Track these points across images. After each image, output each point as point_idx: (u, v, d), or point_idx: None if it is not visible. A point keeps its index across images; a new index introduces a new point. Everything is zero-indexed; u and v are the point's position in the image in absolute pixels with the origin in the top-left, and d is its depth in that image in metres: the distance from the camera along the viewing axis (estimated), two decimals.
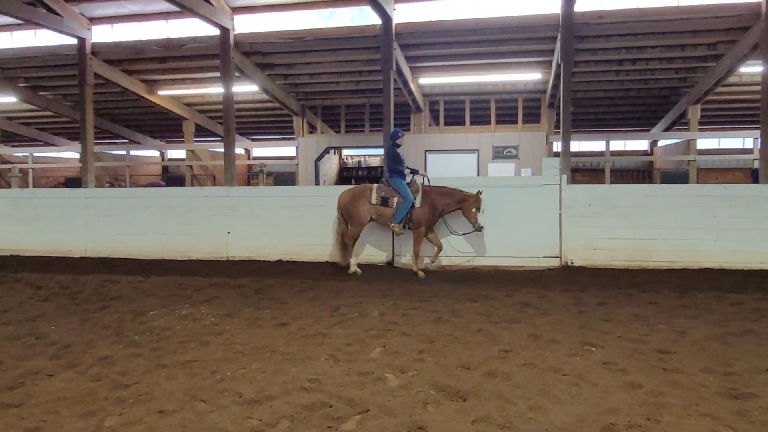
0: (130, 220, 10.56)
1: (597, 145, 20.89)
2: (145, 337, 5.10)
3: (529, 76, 15.16)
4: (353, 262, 8.72)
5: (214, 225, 10.20)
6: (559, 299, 6.66)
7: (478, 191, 8.53)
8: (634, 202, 9.03)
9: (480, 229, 8.53)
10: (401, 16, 12.50)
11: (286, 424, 3.24)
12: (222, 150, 12.80)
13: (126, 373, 4.14)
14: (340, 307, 6.29)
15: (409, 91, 15.21)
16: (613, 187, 9.97)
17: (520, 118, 16.85)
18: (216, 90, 16.92)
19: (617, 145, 22.88)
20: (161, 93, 17.37)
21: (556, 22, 11.69)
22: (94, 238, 10.71)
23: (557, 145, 13.72)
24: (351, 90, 16.70)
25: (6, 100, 18.29)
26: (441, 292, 7.10)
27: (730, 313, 5.88)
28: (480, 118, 17.52)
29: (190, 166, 19.28)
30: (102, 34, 14.50)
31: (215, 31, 12.83)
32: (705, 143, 21.72)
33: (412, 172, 8.88)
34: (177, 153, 25.55)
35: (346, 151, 21.48)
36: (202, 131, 20.47)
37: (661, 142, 21.17)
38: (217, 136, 20.28)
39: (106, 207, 10.79)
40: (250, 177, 24.78)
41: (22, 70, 16.06)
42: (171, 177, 23.19)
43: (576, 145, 21.84)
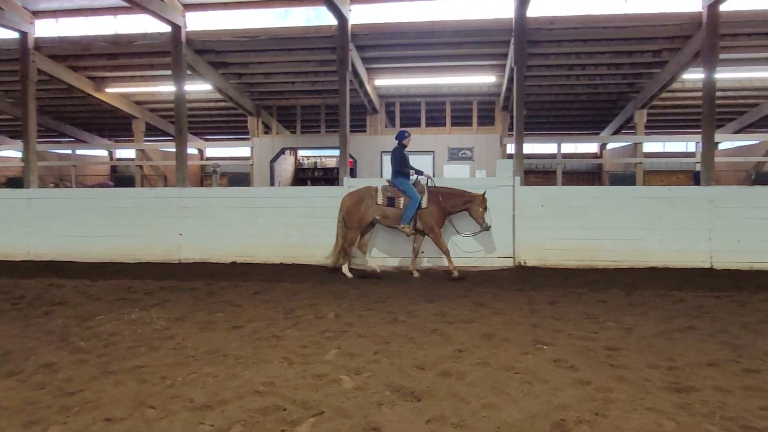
0: (76, 221, 10.19)
1: (549, 147, 21.37)
2: (91, 343, 4.93)
3: (484, 79, 15.38)
4: (346, 268, 8.59)
5: (166, 227, 9.95)
6: (512, 299, 6.77)
7: (483, 191, 8.64)
8: (584, 204, 9.27)
9: (488, 228, 8.60)
10: (357, 17, 12.49)
11: (239, 428, 3.17)
12: (174, 150, 12.49)
13: (71, 381, 3.98)
14: (296, 309, 6.23)
15: (365, 93, 15.21)
16: (564, 189, 10.20)
17: (474, 120, 17.07)
18: (167, 88, 16.53)
19: (569, 147, 23.47)
20: (109, 90, 16.83)
21: (509, 27, 11.90)
22: (37, 241, 10.29)
23: (511, 148, 13.96)
24: (306, 90, 16.58)
25: None
26: (397, 293, 7.13)
27: (673, 310, 6.10)
28: (436, 120, 17.68)
29: (140, 166, 18.76)
30: (46, 29, 13.93)
31: (166, 28, 12.52)
32: (651, 146, 22.50)
33: (417, 173, 8.84)
34: (126, 153, 24.83)
35: (302, 152, 21.30)
36: (152, 130, 19.94)
37: (610, 145, 21.84)
38: (169, 135, 19.79)
39: (50, 208, 10.39)
40: (203, 178, 24.27)
41: None
42: (120, 177, 22.50)
43: (529, 148, 22.34)
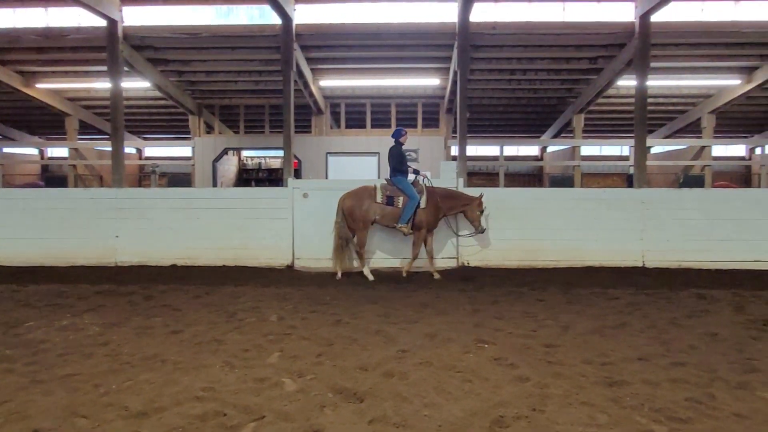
0: (4, 223, 9.67)
1: (492, 150, 21.84)
2: (19, 351, 4.68)
3: (428, 82, 15.55)
4: (367, 270, 8.52)
5: (101, 229, 9.57)
6: (455, 299, 6.88)
7: (480, 194, 8.76)
8: (525, 205, 9.50)
9: (483, 231, 8.67)
10: (302, 17, 12.40)
11: None
12: (110, 149, 12.02)
13: None
14: (238, 312, 6.12)
15: (310, 93, 15.12)
16: (505, 190, 10.45)
17: (419, 122, 17.24)
18: (103, 85, 15.90)
19: (511, 150, 24.05)
20: (40, 86, 16.03)
21: (453, 31, 12.10)
22: None
23: (455, 150, 14.18)
24: (250, 90, 16.32)
25: None
26: (341, 295, 7.11)
27: (608, 308, 6.35)
28: (381, 122, 17.74)
29: (74, 166, 17.98)
30: None
31: (101, 22, 12.04)
32: (588, 150, 23.38)
33: (414, 172, 8.78)
34: (59, 151, 23.76)
35: (245, 153, 20.96)
36: (87, 128, 19.14)
37: (550, 148, 22.51)
38: (105, 134, 19.05)
39: None
40: (142, 178, 23.51)
41: None
42: (51, 177, 21.52)
43: (473, 150, 22.77)
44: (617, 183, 23.90)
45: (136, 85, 15.94)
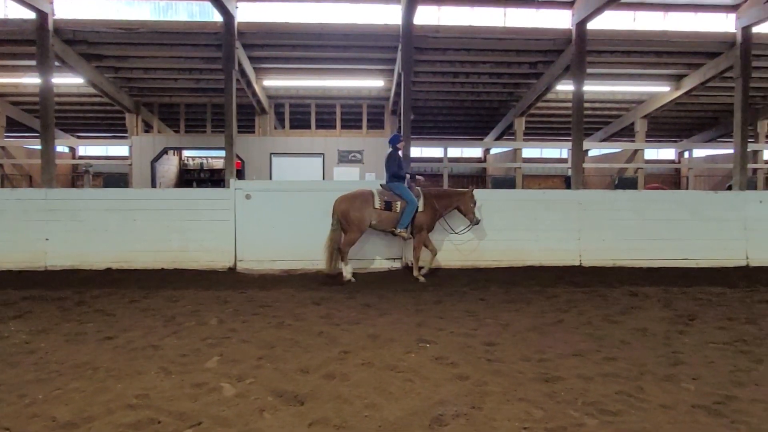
0: None
1: (437, 151, 22.09)
2: None
3: (373, 83, 15.59)
4: (348, 270, 8.34)
5: (29, 231, 9.10)
6: (399, 299, 6.91)
7: (471, 188, 8.93)
8: None
9: (477, 222, 8.78)
10: (244, 15, 12.19)
11: None
12: (40, 147, 11.46)
13: None
14: (176, 316, 5.95)
15: (253, 93, 14.88)
16: None
17: (364, 123, 17.25)
18: (32, 80, 15.13)
19: (455, 151, 24.40)
20: None
21: (397, 33, 12.17)
22: None
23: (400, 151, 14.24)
24: (191, 88, 15.90)
25: None
26: (283, 297, 7.03)
27: (546, 306, 6.53)
28: (326, 122, 17.66)
29: (1, 165, 17.04)
30: None
31: (31, 15, 11.48)
32: (529, 152, 23.99)
33: (411, 177, 8.73)
34: None
35: (186, 153, 20.42)
36: (15, 126, 18.18)
37: (493, 150, 22.97)
38: (35, 131, 18.14)
39: None
40: (75, 178, 22.53)
41: None
42: None
43: (417, 151, 23.00)
44: (557, 185, 24.61)
45: (69, 80, 15.25)
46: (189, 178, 20.18)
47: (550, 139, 22.17)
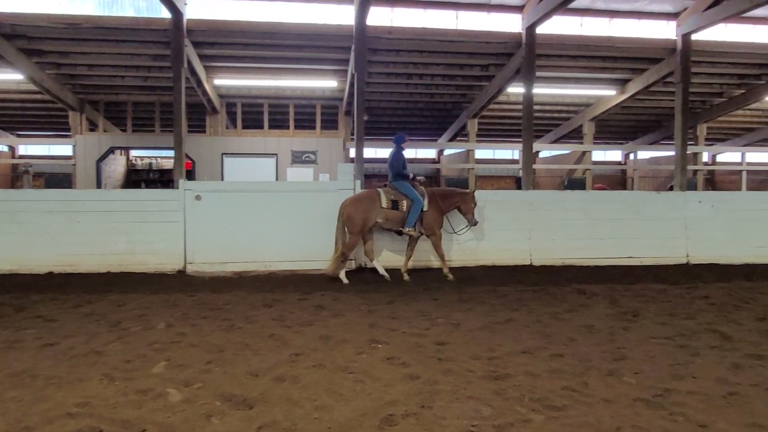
0: None
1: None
2: None
3: (327, 84, 15.53)
4: (343, 273, 8.35)
5: None
6: (351, 300, 6.89)
7: (472, 189, 9.09)
8: None
9: (476, 223, 8.90)
10: (193, 12, 11.94)
11: None
12: None
13: None
14: (122, 321, 5.77)
15: (204, 91, 14.59)
16: None
17: (318, 124, 17.16)
18: None
19: (409, 152, 24.52)
20: None
21: (350, 34, 12.14)
22: None
23: (354, 152, 14.24)
24: (138, 86, 15.46)
25: None
26: (235, 299, 6.91)
27: (497, 305, 6.63)
28: (279, 123, 17.48)
29: None
30: None
31: None
32: (482, 153, 24.37)
33: (413, 177, 8.80)
34: None
35: (134, 152, 19.83)
36: None
37: (447, 151, 23.22)
38: None
39: None
40: (15, 179, 21.59)
41: None
42: None
43: (372, 152, 23.01)
44: (509, 185, 25.08)
45: (8, 77, 14.61)
46: (137, 178, 19.59)
47: (503, 140, 22.57)
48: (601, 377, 4.04)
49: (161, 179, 19.52)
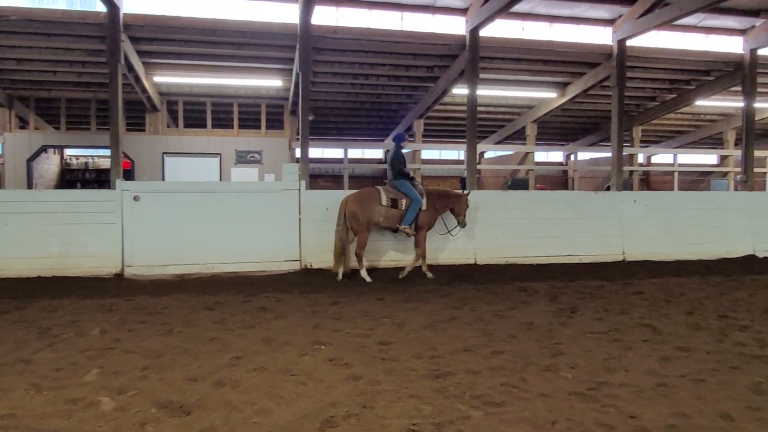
0: None
1: (338, 152, 22.07)
2: None
3: (271, 83, 15.29)
4: (365, 271, 8.45)
5: None
6: (296, 302, 6.82)
7: (466, 192, 9.29)
8: None
9: (465, 225, 9.14)
10: (131, 5, 11.51)
11: None
12: None
13: None
14: (53, 327, 5.51)
15: (143, 89, 14.12)
16: (347, 193, 10.56)
17: (263, 123, 16.90)
18: None
19: (356, 153, 24.50)
20: None
21: (294, 32, 11.98)
22: None
23: (300, 152, 14.11)
24: (72, 82, 14.79)
25: None
26: (175, 303, 6.72)
27: (441, 304, 6.70)
28: (223, 122, 17.11)
29: None
30: None
31: None
32: (429, 154, 24.57)
33: (411, 178, 9.00)
34: None
35: (69, 151, 19.01)
36: None
37: None
38: None
39: None
40: None
41: None
42: None
43: (318, 152, 22.88)
44: (455, 185, 25.39)
45: None
46: (72, 178, 18.78)
47: (448, 141, 22.83)
48: (539, 372, 4.14)
49: (98, 179, 18.78)
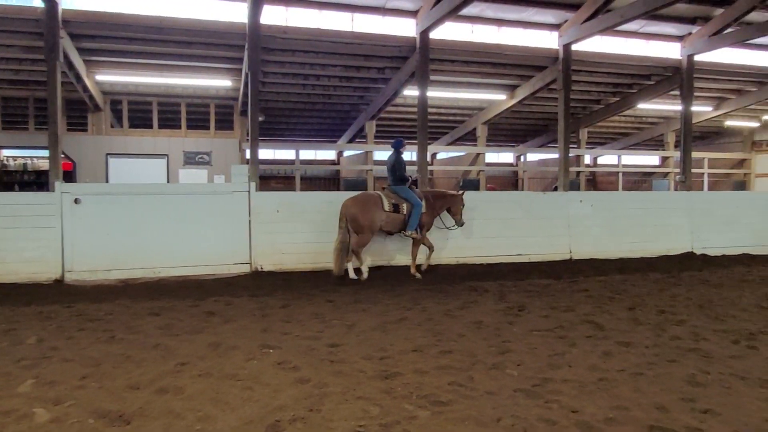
0: None
1: (291, 153, 21.86)
2: None
3: (220, 83, 15.01)
4: (365, 268, 8.60)
5: None
6: (245, 305, 6.70)
7: (461, 192, 9.52)
8: (317, 208, 9.64)
9: (462, 224, 9.37)
10: (71, 1, 11.10)
11: None
12: None
13: None
14: None
15: (85, 87, 13.62)
16: (299, 194, 10.54)
17: (212, 124, 16.59)
18: None
19: (308, 154, 24.31)
20: None
21: (243, 32, 11.80)
22: None
23: (249, 153, 13.91)
24: (8, 80, 14.12)
25: None
26: (118, 309, 6.50)
27: (392, 304, 6.71)
28: (170, 122, 16.68)
29: None
30: None
31: None
32: (382, 155, 24.60)
33: (413, 182, 9.18)
34: None
35: (6, 152, 18.14)
36: None
37: (347, 153, 23.24)
38: None
39: None
40: None
41: None
42: None
43: (271, 153, 22.60)
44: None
45: None
46: (10, 180, 17.91)
47: None
48: (486, 371, 4.19)
49: (38, 181, 17.98)
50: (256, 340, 5.05)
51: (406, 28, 13.10)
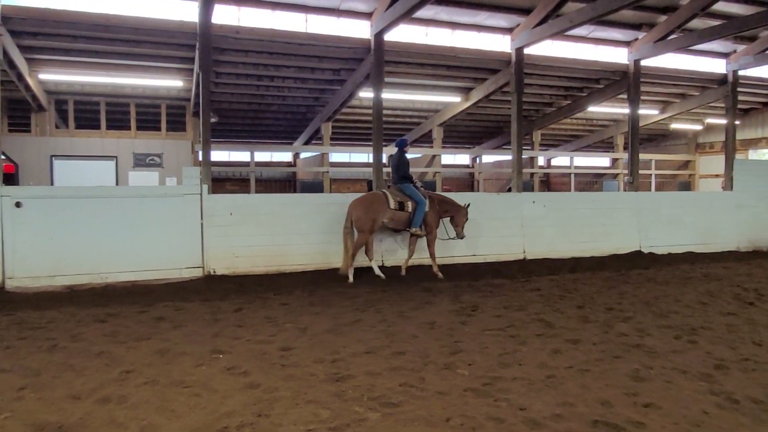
0: None
1: (247, 155, 21.55)
2: None
3: (171, 83, 14.66)
4: (374, 265, 9.02)
5: None
6: (196, 310, 6.57)
7: (467, 204, 9.57)
8: (272, 211, 9.54)
9: (463, 237, 9.52)
10: None
11: None
12: None
13: None
14: None
15: (27, 86, 13.08)
16: (253, 197, 10.40)
17: (164, 125, 16.19)
18: None
19: (264, 156, 24.03)
20: None
21: (194, 31, 11.55)
22: None
23: (202, 155, 13.64)
24: None
25: None
26: (61, 316, 6.26)
27: (346, 307, 6.68)
28: (119, 123, 16.21)
29: None
30: None
31: None
32: (340, 157, 24.52)
33: (414, 181, 9.34)
34: None
35: None
36: None
37: (303, 155, 23.09)
38: None
39: None
40: None
41: None
42: None
43: (226, 155, 22.25)
44: (364, 188, 25.49)
45: None
46: None
47: (357, 144, 22.92)
48: (437, 371, 4.21)
49: None
50: (206, 346, 4.95)
51: (360, 29, 13.08)
